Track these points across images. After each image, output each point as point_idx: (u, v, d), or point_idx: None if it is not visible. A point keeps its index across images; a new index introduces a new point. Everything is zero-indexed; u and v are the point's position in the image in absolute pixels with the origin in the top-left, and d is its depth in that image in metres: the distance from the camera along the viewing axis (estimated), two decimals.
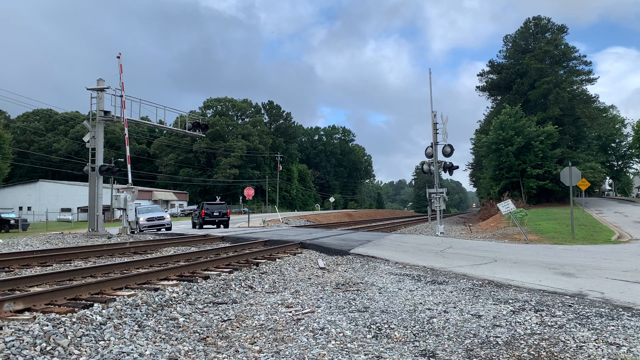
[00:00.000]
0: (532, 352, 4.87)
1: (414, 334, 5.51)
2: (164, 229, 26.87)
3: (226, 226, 29.31)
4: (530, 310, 6.74)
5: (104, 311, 5.85)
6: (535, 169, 48.23)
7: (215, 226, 29.53)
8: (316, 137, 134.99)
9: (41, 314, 5.70)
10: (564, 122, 54.64)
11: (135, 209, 26.92)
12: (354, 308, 6.83)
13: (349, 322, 5.99)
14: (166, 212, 32.49)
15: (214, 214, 29.45)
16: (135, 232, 24.68)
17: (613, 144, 79.69)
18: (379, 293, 8.01)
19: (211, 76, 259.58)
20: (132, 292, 7.34)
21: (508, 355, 4.78)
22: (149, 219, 26.76)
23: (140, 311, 6.13)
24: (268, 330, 5.62)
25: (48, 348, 4.46)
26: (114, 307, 6.09)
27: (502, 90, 64.33)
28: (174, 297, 7.10)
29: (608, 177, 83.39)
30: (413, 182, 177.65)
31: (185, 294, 7.38)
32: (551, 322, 6.06)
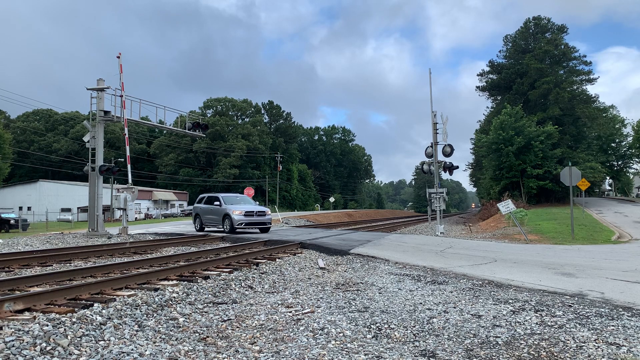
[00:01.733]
0: (532, 352, 4.87)
1: (414, 334, 5.52)
2: (257, 229, 20.42)
3: None
4: (530, 310, 6.74)
5: (104, 311, 5.85)
6: (535, 169, 48.25)
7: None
8: (316, 137, 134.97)
9: (41, 314, 5.70)
10: (564, 122, 54.69)
11: (221, 199, 20.63)
12: (354, 308, 6.83)
13: (349, 322, 5.99)
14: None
15: None
16: (225, 230, 19.53)
17: (613, 144, 79.77)
18: (379, 293, 8.01)
19: (211, 76, 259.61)
20: (132, 292, 7.34)
21: (508, 355, 4.78)
22: (247, 213, 19.53)
23: (140, 311, 6.14)
24: (268, 330, 5.63)
25: (48, 348, 4.46)
26: (114, 307, 6.09)
27: (502, 90, 64.42)
28: (174, 297, 7.10)
29: (608, 177, 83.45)
30: (413, 182, 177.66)
31: (185, 294, 7.38)
32: (551, 322, 6.06)
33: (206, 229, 21.73)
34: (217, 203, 20.64)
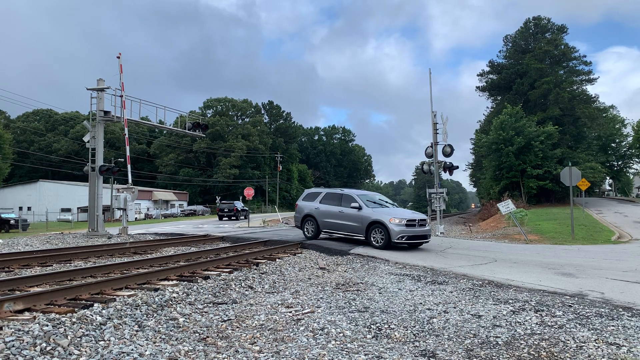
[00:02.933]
0: (532, 352, 4.87)
1: (414, 334, 5.52)
2: (406, 244, 14.52)
3: (236, 218, 42.75)
4: (530, 310, 6.74)
5: (104, 311, 5.85)
6: (535, 169, 48.27)
7: (227, 218, 42.85)
8: (316, 137, 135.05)
9: (41, 314, 5.70)
10: (564, 122, 54.72)
11: (357, 200, 15.21)
12: (354, 308, 6.83)
13: (349, 322, 5.99)
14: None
15: (224, 210, 42.89)
16: (375, 245, 14.22)
17: (613, 144, 79.77)
18: (379, 293, 8.01)
19: (211, 76, 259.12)
20: (132, 292, 7.35)
21: (508, 356, 4.78)
22: (409, 223, 14.21)
23: (140, 311, 6.14)
24: (268, 330, 5.62)
25: (48, 348, 4.46)
26: (114, 307, 6.09)
27: (502, 90, 64.47)
28: (174, 297, 7.10)
29: (608, 177, 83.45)
30: (413, 182, 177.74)
31: (185, 294, 7.38)
32: (551, 322, 6.06)
33: (324, 233, 16.33)
34: (355, 205, 15.02)
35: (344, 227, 15.47)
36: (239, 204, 44.67)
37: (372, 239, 14.49)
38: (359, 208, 15.01)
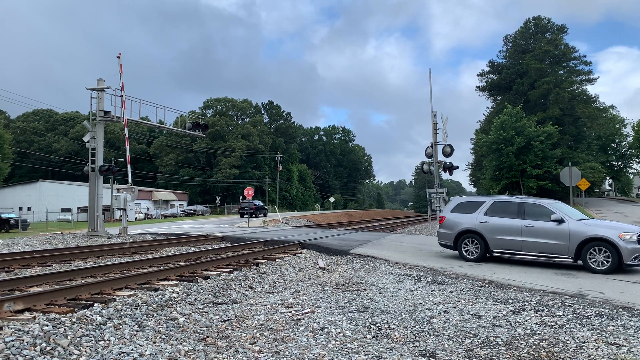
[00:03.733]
0: (532, 352, 4.87)
1: (414, 334, 5.52)
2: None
3: (255, 216, 45.03)
4: (530, 310, 6.75)
5: (104, 311, 5.85)
6: (535, 169, 48.29)
7: (248, 216, 45.00)
8: (316, 137, 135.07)
9: (41, 314, 5.71)
10: (564, 122, 54.76)
11: (557, 211, 11.80)
12: (354, 308, 6.83)
13: (349, 322, 5.99)
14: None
15: (245, 208, 44.88)
16: (599, 268, 10.61)
17: (613, 144, 79.77)
18: (379, 293, 8.02)
19: (211, 75, 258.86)
20: (132, 292, 7.35)
21: (508, 356, 4.78)
22: None
23: (140, 311, 6.14)
24: (268, 330, 5.63)
25: (48, 348, 4.46)
26: (114, 307, 6.09)
27: (502, 90, 64.53)
28: (174, 297, 7.11)
29: (608, 177, 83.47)
30: (413, 182, 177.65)
31: (185, 294, 7.38)
32: (551, 322, 6.07)
33: (496, 254, 12.36)
34: (555, 218, 11.56)
35: (535, 247, 11.92)
36: (258, 203, 49.92)
37: (589, 261, 10.93)
38: (560, 221, 11.55)
